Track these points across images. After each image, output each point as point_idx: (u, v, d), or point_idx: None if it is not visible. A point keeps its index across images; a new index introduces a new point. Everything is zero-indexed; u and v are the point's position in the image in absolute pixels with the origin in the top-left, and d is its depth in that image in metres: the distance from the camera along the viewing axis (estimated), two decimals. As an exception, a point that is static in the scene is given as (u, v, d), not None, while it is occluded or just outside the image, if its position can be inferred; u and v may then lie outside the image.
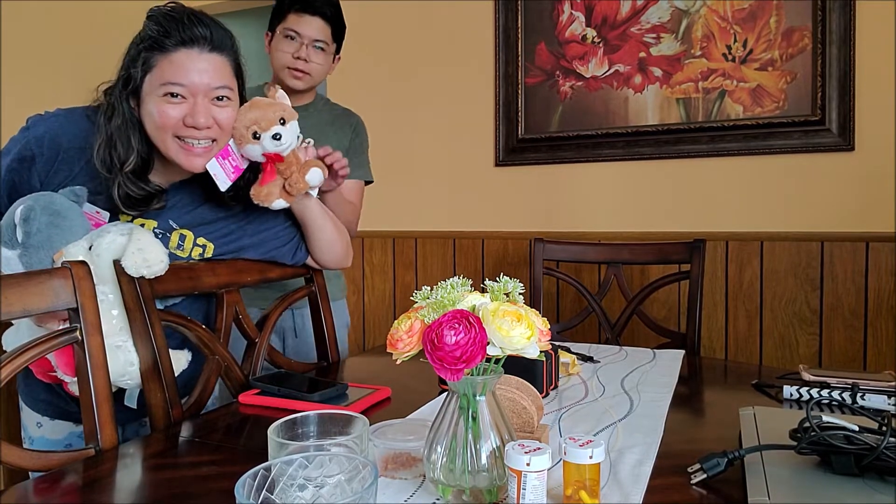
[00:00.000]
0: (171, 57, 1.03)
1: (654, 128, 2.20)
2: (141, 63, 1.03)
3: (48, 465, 0.89)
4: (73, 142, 1.07)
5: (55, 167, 1.06)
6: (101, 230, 1.06)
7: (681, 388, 1.19)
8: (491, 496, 0.71)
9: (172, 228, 1.15)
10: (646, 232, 2.23)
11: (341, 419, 0.76)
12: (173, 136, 1.05)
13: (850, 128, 1.96)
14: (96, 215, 1.09)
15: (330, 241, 1.32)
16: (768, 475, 0.72)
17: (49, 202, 1.01)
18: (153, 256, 1.04)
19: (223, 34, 1.08)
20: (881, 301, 1.95)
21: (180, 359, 1.12)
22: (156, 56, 1.03)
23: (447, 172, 2.54)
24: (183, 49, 1.03)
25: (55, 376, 1.02)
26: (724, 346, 2.15)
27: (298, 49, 1.57)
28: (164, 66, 1.03)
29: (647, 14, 2.19)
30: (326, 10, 1.59)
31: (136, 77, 1.04)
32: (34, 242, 1.00)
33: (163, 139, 1.05)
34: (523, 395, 0.87)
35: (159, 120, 1.04)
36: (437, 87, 2.54)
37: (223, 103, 1.08)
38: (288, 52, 1.57)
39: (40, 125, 1.08)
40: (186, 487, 0.80)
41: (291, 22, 1.57)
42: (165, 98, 1.03)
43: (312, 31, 1.57)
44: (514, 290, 0.74)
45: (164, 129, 1.04)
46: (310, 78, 1.60)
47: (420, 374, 1.22)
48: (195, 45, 1.04)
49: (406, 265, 2.62)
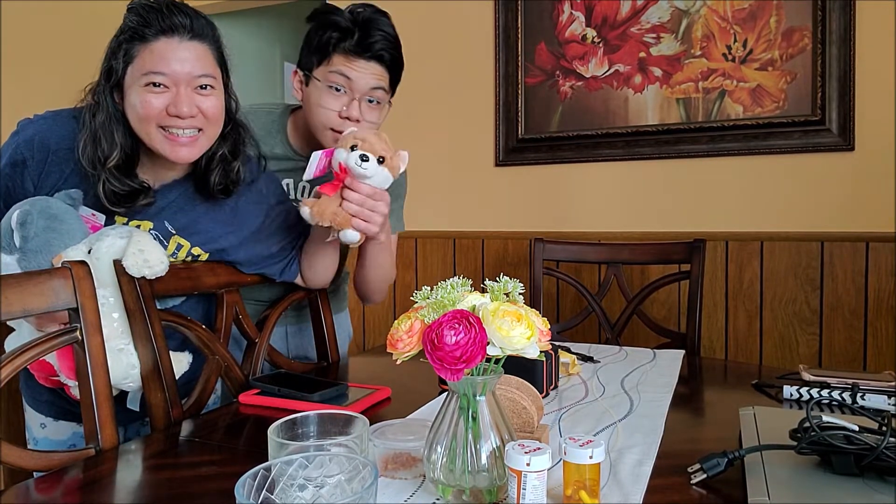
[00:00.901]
0: (152, 46, 1.02)
1: (653, 128, 2.20)
2: (122, 54, 1.02)
3: (49, 465, 0.89)
4: (62, 143, 1.06)
5: (46, 169, 1.06)
6: (100, 233, 1.06)
7: (681, 388, 1.19)
8: (491, 496, 0.71)
9: (170, 234, 1.14)
10: (646, 232, 2.23)
11: (341, 419, 0.76)
12: (157, 127, 1.03)
13: (850, 128, 1.96)
14: (92, 218, 1.09)
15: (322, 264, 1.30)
16: (768, 475, 0.72)
17: (45, 206, 1.01)
18: (154, 257, 1.04)
19: (204, 23, 1.07)
20: (881, 301, 1.95)
21: (181, 361, 1.12)
22: (136, 46, 1.02)
23: (447, 172, 2.54)
24: (163, 38, 1.02)
25: (57, 381, 1.02)
26: (724, 346, 2.15)
27: (349, 105, 1.23)
28: (144, 55, 1.02)
29: (647, 14, 2.19)
30: (386, 52, 1.25)
31: (117, 69, 1.03)
32: (32, 247, 0.99)
33: (147, 130, 1.04)
34: (523, 395, 0.87)
35: (142, 110, 1.02)
36: (437, 86, 2.53)
37: (207, 92, 1.06)
38: (333, 110, 1.24)
39: (29, 128, 1.07)
40: (186, 487, 0.80)
41: (339, 65, 1.22)
42: (148, 88, 1.02)
43: (368, 80, 1.23)
44: (514, 290, 0.74)
45: (147, 120, 1.03)
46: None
47: (420, 374, 1.22)
48: (175, 33, 1.03)
49: (406, 265, 2.62)
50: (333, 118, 1.24)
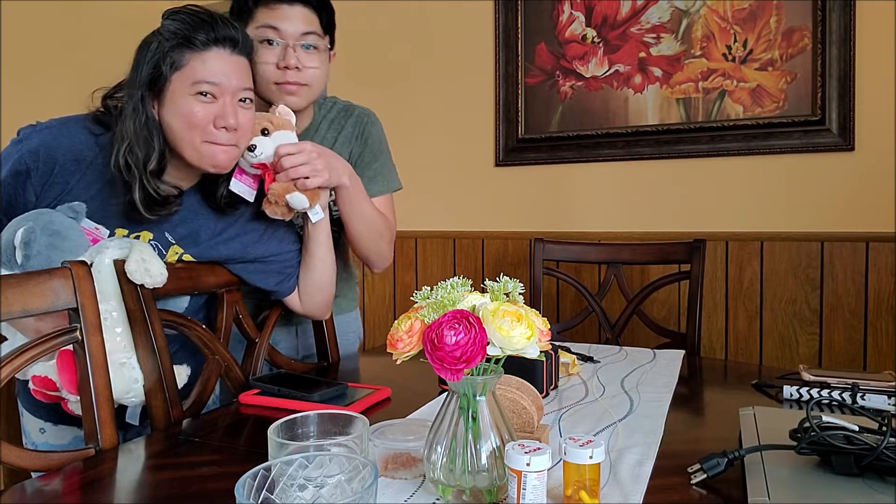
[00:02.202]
0: (204, 56, 1.02)
1: (654, 128, 2.20)
2: (170, 61, 1.01)
3: (48, 465, 0.89)
4: (69, 154, 1.04)
5: (51, 181, 1.03)
6: (100, 246, 1.04)
7: (681, 388, 1.19)
8: (491, 496, 0.71)
9: (169, 243, 1.14)
10: (646, 232, 2.23)
11: (341, 419, 0.76)
12: (202, 141, 1.03)
13: (850, 128, 1.96)
14: (95, 231, 1.07)
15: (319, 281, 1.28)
16: (768, 475, 0.72)
17: (48, 222, 0.99)
18: (155, 269, 1.04)
19: (247, 37, 1.08)
20: (881, 301, 1.95)
21: (181, 374, 1.11)
22: (186, 54, 1.01)
23: (447, 172, 2.54)
24: (214, 48, 1.03)
25: (55, 396, 1.00)
26: (724, 346, 2.15)
27: (283, 55, 1.22)
28: (195, 64, 1.01)
29: (647, 14, 2.19)
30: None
31: (165, 75, 1.02)
32: (34, 265, 0.98)
33: (190, 139, 1.03)
34: (523, 395, 0.87)
35: (188, 119, 1.02)
36: (437, 87, 2.53)
37: (247, 105, 1.07)
38: (270, 63, 1.22)
39: (34, 137, 1.04)
40: (186, 487, 0.80)
41: (265, 18, 1.21)
42: (196, 97, 1.02)
43: (297, 26, 1.22)
44: (514, 290, 0.74)
45: (193, 129, 1.02)
46: (308, 90, 1.27)
47: (420, 374, 1.22)
48: (226, 45, 1.03)
49: (406, 265, 2.62)
50: (272, 71, 1.23)
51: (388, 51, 2.60)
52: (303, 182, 1.14)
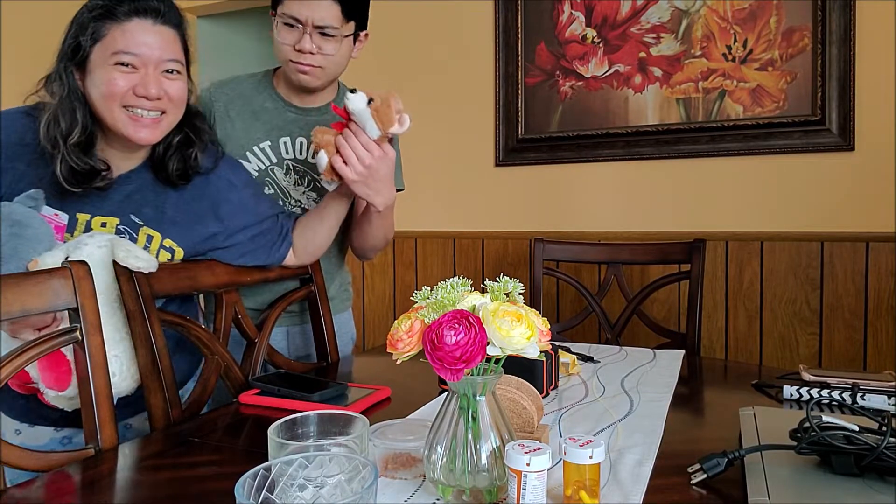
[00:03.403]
0: (124, 26, 1.02)
1: (654, 128, 2.20)
2: (91, 32, 1.02)
3: (48, 465, 0.89)
4: (13, 137, 1.05)
5: (1, 167, 1.04)
6: (77, 242, 1.04)
7: (681, 388, 1.19)
8: (491, 496, 0.71)
9: (138, 226, 1.12)
10: (646, 232, 2.23)
11: (341, 419, 0.76)
12: (121, 107, 1.03)
13: (850, 128, 1.96)
14: (55, 218, 1.07)
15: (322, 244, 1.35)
16: (768, 475, 0.72)
17: (8, 212, 0.99)
18: (142, 254, 1.05)
19: (174, 8, 1.08)
20: (881, 301, 1.95)
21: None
22: (107, 25, 1.02)
23: (447, 172, 2.54)
24: (136, 18, 1.03)
25: (32, 388, 1.00)
26: (724, 346, 2.15)
27: (300, 39, 1.29)
28: (115, 34, 1.02)
29: (647, 14, 2.19)
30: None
31: (85, 46, 1.02)
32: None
33: (110, 109, 1.03)
34: (523, 395, 0.87)
35: (108, 88, 1.02)
36: (437, 87, 2.53)
37: (173, 76, 1.07)
38: (288, 44, 1.30)
39: None
40: (186, 487, 0.80)
41: (288, 7, 1.28)
42: (116, 67, 1.02)
43: (315, 16, 1.27)
44: (514, 290, 0.74)
45: (112, 98, 1.02)
46: (322, 72, 1.33)
47: (420, 374, 1.22)
48: (148, 15, 1.03)
49: (406, 265, 2.62)
50: (289, 51, 1.31)
51: (388, 51, 2.60)
52: (339, 161, 1.20)
